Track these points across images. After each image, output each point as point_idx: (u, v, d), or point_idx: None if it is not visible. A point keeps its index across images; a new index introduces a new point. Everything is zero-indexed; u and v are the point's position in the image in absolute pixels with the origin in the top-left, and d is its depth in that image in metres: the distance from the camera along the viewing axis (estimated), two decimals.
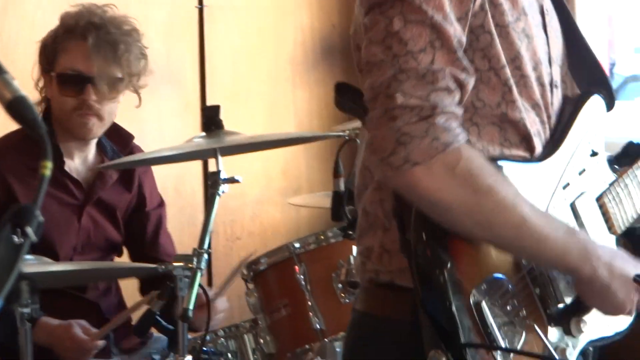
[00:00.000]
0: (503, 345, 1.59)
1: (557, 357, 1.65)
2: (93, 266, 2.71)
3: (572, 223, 1.69)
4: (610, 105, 1.76)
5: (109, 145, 2.74)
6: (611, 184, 1.75)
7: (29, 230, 1.14)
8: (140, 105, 2.74)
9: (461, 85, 1.50)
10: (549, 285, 1.67)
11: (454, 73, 1.49)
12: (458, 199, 1.52)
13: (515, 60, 1.59)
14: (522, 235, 1.55)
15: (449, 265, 1.55)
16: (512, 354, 1.61)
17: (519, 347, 1.63)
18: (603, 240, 1.73)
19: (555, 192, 1.69)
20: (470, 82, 1.52)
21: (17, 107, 1.22)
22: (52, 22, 2.77)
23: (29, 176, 2.57)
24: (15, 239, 1.15)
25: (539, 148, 1.61)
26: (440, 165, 1.48)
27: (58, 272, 2.42)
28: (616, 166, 1.79)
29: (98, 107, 2.53)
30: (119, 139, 2.79)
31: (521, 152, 1.60)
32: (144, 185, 2.85)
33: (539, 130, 1.62)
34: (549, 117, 1.66)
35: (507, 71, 1.58)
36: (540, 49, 1.65)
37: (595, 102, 1.76)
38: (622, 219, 1.76)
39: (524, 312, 1.63)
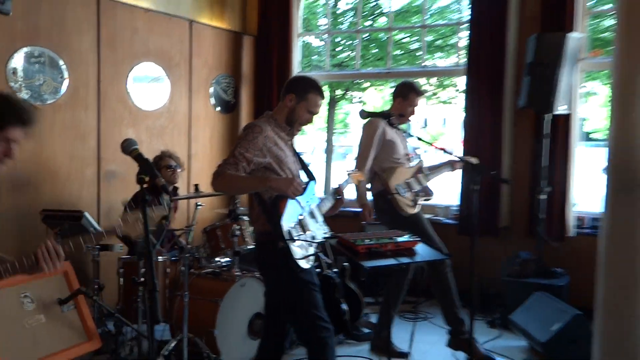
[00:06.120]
0: (298, 244, 3.21)
1: (315, 241, 3.33)
2: None
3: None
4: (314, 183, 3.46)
5: None
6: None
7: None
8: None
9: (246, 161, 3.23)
10: (305, 226, 3.37)
11: (239, 161, 3.20)
12: (224, 187, 3.29)
13: (284, 165, 3.40)
14: (242, 187, 3.33)
15: (278, 215, 3.27)
16: (299, 242, 3.27)
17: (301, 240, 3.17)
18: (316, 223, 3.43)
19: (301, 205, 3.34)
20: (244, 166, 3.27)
21: (142, 162, 2.35)
22: None
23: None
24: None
25: None
26: (221, 177, 3.28)
27: None
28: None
29: None
30: None
31: None
32: None
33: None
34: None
35: (280, 167, 3.40)
36: (292, 165, 3.52)
37: (312, 184, 3.55)
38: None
39: (305, 236, 3.34)
